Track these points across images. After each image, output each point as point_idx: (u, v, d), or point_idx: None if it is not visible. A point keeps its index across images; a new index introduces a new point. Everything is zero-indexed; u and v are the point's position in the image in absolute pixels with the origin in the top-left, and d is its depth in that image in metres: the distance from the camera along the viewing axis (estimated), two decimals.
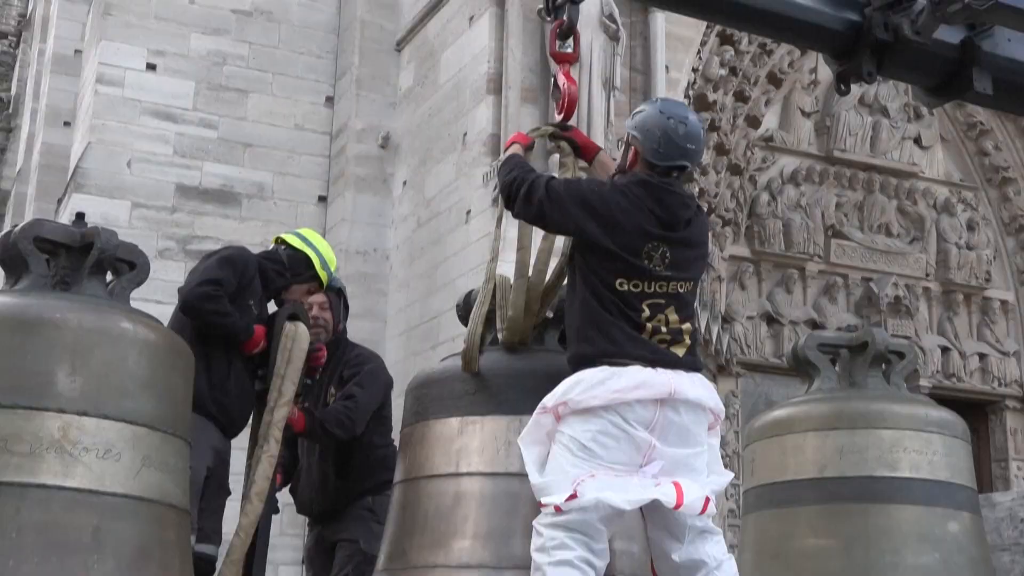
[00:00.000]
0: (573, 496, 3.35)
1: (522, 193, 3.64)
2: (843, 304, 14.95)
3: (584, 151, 4.01)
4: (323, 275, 4.98)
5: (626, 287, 3.53)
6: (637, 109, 3.77)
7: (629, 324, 3.52)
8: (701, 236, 3.71)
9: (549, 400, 3.50)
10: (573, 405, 3.45)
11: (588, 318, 3.55)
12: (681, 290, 3.59)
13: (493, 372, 3.77)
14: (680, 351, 3.57)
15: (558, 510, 3.36)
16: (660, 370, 3.49)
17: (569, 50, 3.92)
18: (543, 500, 3.40)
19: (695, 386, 3.55)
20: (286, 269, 4.91)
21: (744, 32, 12.49)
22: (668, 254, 3.56)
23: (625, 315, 3.52)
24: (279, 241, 5.06)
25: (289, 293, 4.96)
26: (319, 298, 5.19)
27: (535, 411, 3.52)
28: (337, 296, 5.28)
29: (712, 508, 3.55)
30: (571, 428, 3.44)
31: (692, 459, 3.53)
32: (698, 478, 3.52)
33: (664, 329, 3.54)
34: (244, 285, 4.69)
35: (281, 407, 4.64)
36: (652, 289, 3.54)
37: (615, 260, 3.54)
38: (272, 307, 4.94)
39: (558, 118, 3.95)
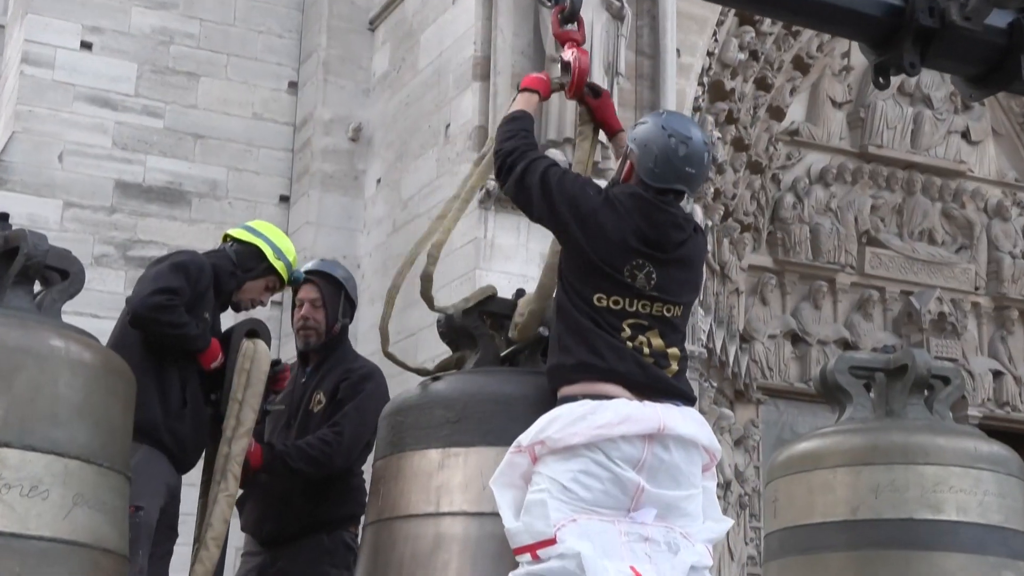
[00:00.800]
0: (552, 542, 3.38)
1: (517, 171, 3.74)
2: (879, 321, 14.98)
3: (607, 126, 4.09)
4: (279, 266, 4.96)
5: (605, 303, 3.61)
6: (641, 120, 3.87)
7: (607, 341, 3.58)
8: (696, 259, 3.78)
9: (524, 438, 3.53)
10: (551, 444, 3.48)
11: (567, 327, 3.62)
12: (668, 314, 3.66)
13: (478, 397, 3.77)
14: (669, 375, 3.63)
15: (535, 557, 3.39)
16: (648, 403, 3.54)
17: (574, 28, 3.99)
18: (518, 546, 3.43)
19: (687, 421, 3.59)
20: (236, 267, 4.89)
21: (768, 17, 12.52)
22: (654, 275, 3.63)
23: (603, 329, 3.59)
24: (227, 239, 5.05)
25: (243, 292, 4.93)
26: (310, 294, 5.15)
27: (509, 450, 3.56)
28: (335, 289, 5.21)
29: (708, 559, 3.58)
30: (550, 469, 3.48)
31: (685, 503, 3.57)
32: (692, 525, 3.55)
33: (647, 351, 3.61)
34: (199, 294, 4.69)
35: (240, 438, 4.62)
36: (634, 308, 3.61)
37: (595, 273, 3.61)
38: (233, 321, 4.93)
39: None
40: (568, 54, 3.99)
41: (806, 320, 14.57)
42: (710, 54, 12.77)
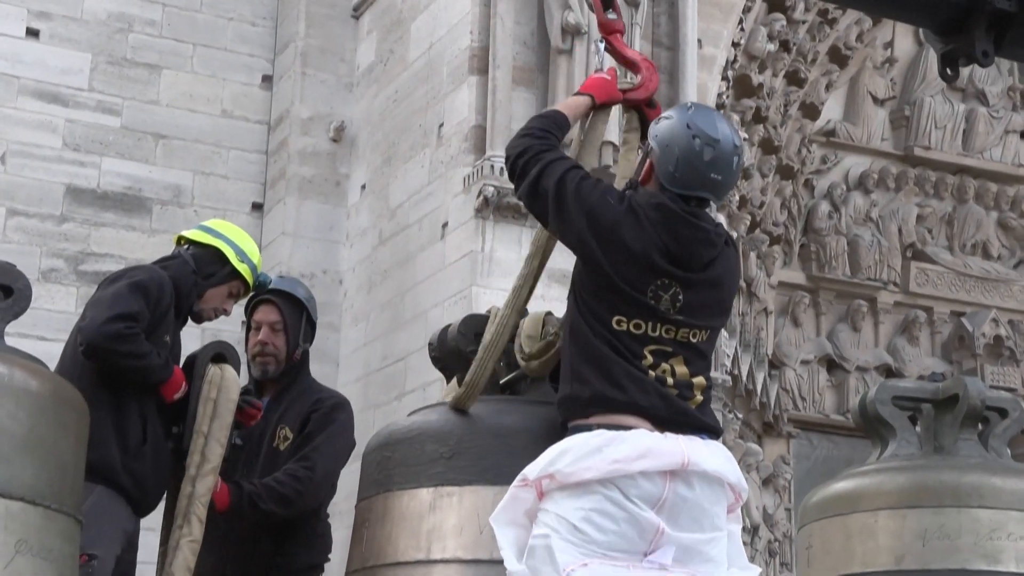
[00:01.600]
0: None
1: (532, 174, 3.73)
2: (926, 346, 14.97)
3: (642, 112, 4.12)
4: (243, 269, 4.92)
5: (625, 327, 3.61)
6: (665, 114, 3.83)
7: (627, 370, 3.58)
8: (727, 278, 3.78)
9: (531, 471, 3.53)
10: (562, 478, 3.48)
11: (583, 353, 3.62)
12: (694, 339, 3.67)
13: (474, 429, 3.77)
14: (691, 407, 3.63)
15: None
16: (670, 435, 3.54)
17: (616, 18, 4.02)
18: None
19: (714, 456, 3.60)
20: (194, 273, 4.86)
21: (823, 3, 12.50)
22: (681, 296, 3.63)
23: (623, 357, 3.59)
24: (181, 241, 5.02)
25: (205, 301, 4.90)
26: (269, 316, 5.13)
27: (513, 483, 3.55)
28: (297, 311, 5.18)
29: None
30: (558, 506, 3.48)
31: (707, 546, 3.57)
32: (715, 572, 3.55)
33: (670, 381, 3.62)
34: (159, 316, 4.68)
35: (205, 476, 4.61)
36: (657, 333, 3.62)
37: (615, 293, 3.61)
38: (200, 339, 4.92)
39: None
40: (631, 52, 4.03)
41: (843, 344, 14.57)
42: (735, 45, 12.79)
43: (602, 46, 4.15)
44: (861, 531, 4.30)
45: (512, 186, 3.92)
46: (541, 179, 3.71)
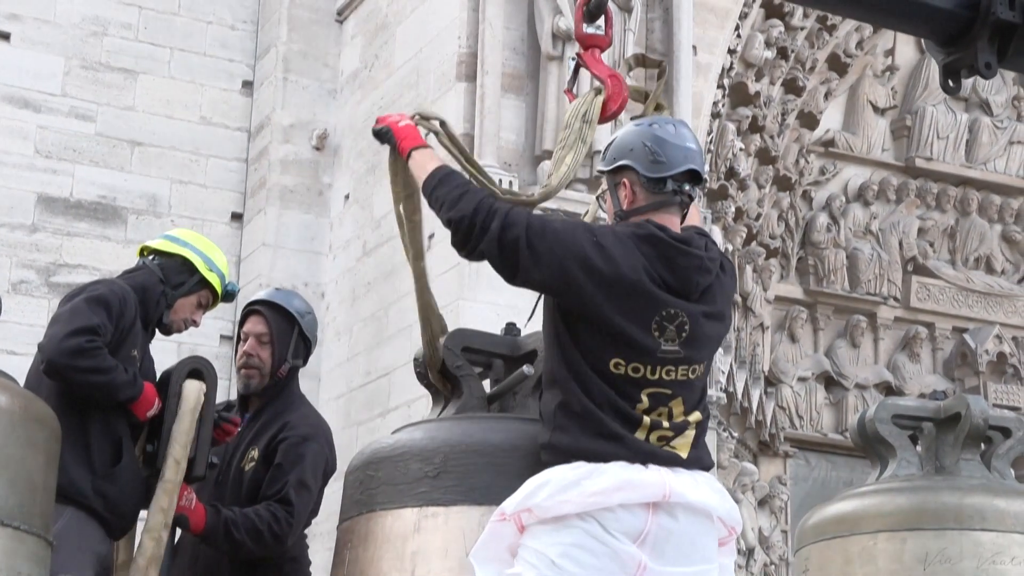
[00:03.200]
0: None
1: (494, 228, 3.60)
2: (927, 363, 14.99)
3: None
4: (212, 278, 4.92)
5: (623, 370, 3.58)
6: (605, 145, 3.84)
7: (619, 417, 3.57)
8: (722, 306, 3.78)
9: (509, 505, 3.54)
10: (540, 512, 3.49)
11: (566, 404, 3.60)
12: (693, 376, 3.67)
13: (461, 447, 3.77)
14: (683, 450, 3.62)
15: None
16: (652, 467, 3.55)
17: (600, 32, 3.99)
18: None
19: (698, 487, 3.60)
20: (162, 283, 4.86)
21: (822, 11, 12.52)
22: (687, 326, 3.61)
23: (615, 406, 3.57)
24: (145, 252, 5.01)
25: (173, 312, 4.90)
26: (256, 327, 5.10)
27: (492, 518, 3.56)
28: (287, 324, 5.14)
29: None
30: (537, 541, 3.49)
31: None
32: None
33: (666, 424, 3.61)
34: (124, 330, 4.66)
35: (161, 493, 4.59)
36: (656, 376, 3.61)
37: (615, 333, 3.57)
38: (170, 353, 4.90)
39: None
40: (602, 68, 4.02)
41: (842, 361, 14.57)
42: (732, 52, 12.82)
43: (572, 63, 4.16)
44: (860, 554, 4.30)
45: None
46: (506, 231, 3.60)
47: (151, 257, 4.94)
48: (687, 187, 3.72)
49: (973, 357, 14.85)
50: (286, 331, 5.13)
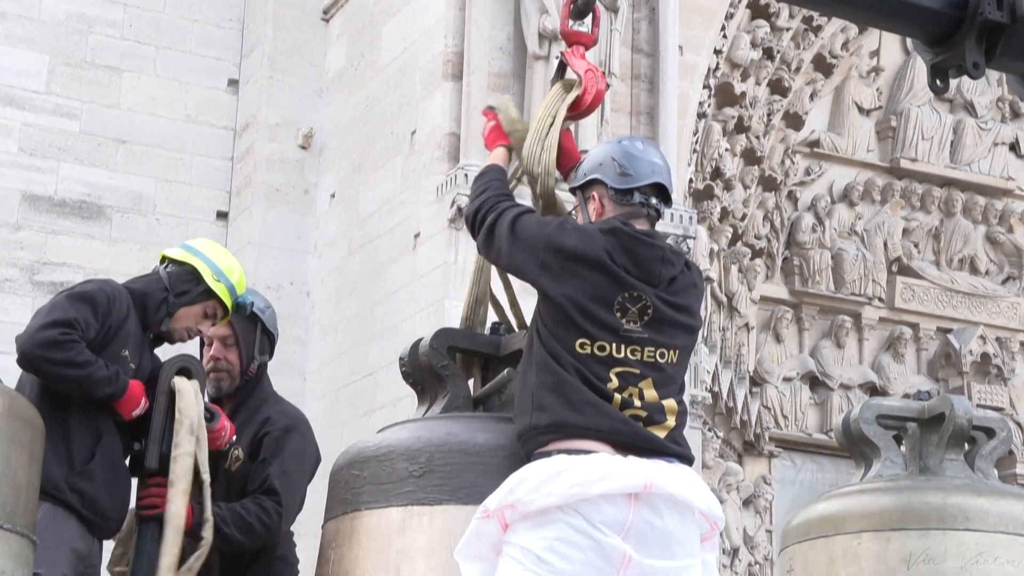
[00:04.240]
0: None
1: (488, 221, 3.87)
2: (912, 363, 15.02)
3: (564, 158, 4.11)
4: (219, 288, 4.90)
5: (589, 349, 3.66)
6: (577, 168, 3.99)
7: (593, 390, 3.62)
8: (688, 300, 3.83)
9: (491, 502, 3.55)
10: (522, 507, 3.51)
11: (543, 382, 3.66)
12: (662, 360, 3.71)
13: (446, 447, 3.77)
14: (660, 433, 3.65)
15: None
16: (632, 458, 3.57)
17: (585, 30, 4.02)
18: None
19: (680, 480, 3.62)
20: (166, 290, 4.85)
21: (809, 9, 12.56)
22: (650, 310, 3.69)
23: (588, 382, 3.63)
24: (164, 261, 5.01)
25: (176, 321, 4.89)
26: (219, 331, 5.09)
27: (475, 516, 3.57)
28: (250, 323, 5.13)
29: None
30: (521, 537, 3.51)
31: (679, 575, 3.59)
32: None
33: (637, 403, 3.65)
34: (113, 328, 4.64)
35: (175, 497, 4.58)
36: (623, 355, 3.67)
37: (580, 313, 3.66)
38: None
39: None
40: (579, 64, 4.05)
41: (827, 361, 14.61)
42: (718, 52, 12.83)
43: (557, 61, 4.20)
44: (844, 554, 4.31)
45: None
46: (497, 224, 3.84)
47: (165, 264, 4.95)
48: (654, 200, 3.84)
49: (957, 357, 14.89)
50: (249, 330, 5.12)
